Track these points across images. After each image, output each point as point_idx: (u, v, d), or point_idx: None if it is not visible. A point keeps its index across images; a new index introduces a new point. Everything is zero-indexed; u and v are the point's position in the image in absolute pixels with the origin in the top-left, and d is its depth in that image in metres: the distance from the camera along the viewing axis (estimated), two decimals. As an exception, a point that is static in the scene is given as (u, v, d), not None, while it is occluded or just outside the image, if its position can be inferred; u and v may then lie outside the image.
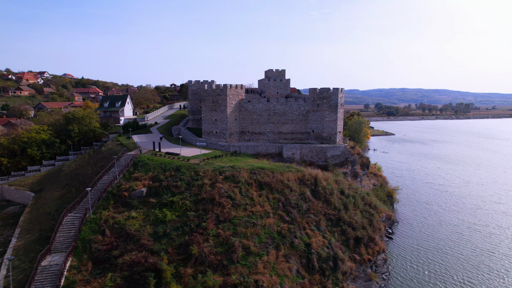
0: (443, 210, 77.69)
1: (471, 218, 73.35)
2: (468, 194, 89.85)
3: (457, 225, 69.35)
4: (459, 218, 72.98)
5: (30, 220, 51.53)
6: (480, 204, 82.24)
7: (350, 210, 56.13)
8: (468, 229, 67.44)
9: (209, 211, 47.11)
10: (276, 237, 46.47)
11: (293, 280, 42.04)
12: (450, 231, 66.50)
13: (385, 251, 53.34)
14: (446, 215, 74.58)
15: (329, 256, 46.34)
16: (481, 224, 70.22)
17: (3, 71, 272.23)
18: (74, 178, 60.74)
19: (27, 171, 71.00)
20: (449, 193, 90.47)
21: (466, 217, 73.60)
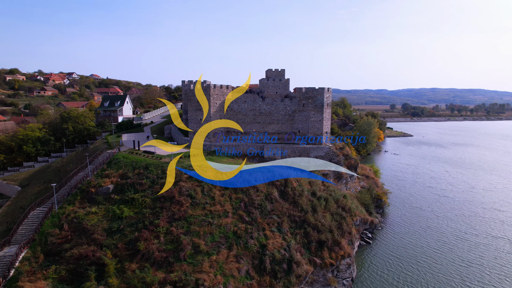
0: (435, 217, 74.12)
1: (463, 225, 69.52)
2: (470, 200, 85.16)
3: (444, 233, 65.94)
4: (449, 226, 69.36)
5: (5, 213, 54.77)
6: (479, 211, 77.74)
7: (318, 212, 55.04)
8: (455, 238, 63.95)
9: (166, 208, 47.93)
10: (231, 237, 46.49)
11: (241, 280, 41.91)
12: (434, 239, 63.35)
13: (351, 256, 51.79)
14: (436, 222, 71.11)
15: (284, 258, 45.72)
16: (471, 232, 66.35)
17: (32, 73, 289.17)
18: (57, 174, 63.70)
19: (22, 166, 75.22)
20: (449, 199, 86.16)
21: (457, 225, 69.84)
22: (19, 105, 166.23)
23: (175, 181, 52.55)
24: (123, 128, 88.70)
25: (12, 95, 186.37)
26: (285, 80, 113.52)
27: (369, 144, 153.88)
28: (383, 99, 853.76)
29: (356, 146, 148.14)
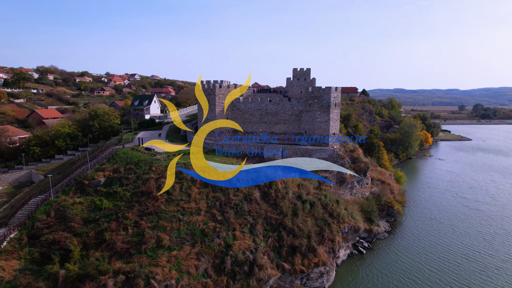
0: (451, 231, 66.24)
1: (480, 245, 60.90)
2: (504, 216, 74.56)
3: (452, 251, 58.48)
4: (463, 243, 61.40)
5: (20, 198, 62.11)
6: (510, 229, 67.88)
7: (299, 216, 53.17)
8: (462, 258, 56.31)
9: (141, 203, 50.34)
10: (198, 235, 47.25)
11: (196, 278, 42.45)
12: (437, 256, 56.53)
13: (327, 264, 49.09)
14: (449, 239, 63.40)
15: (246, 260, 45.16)
16: (486, 253, 58.04)
17: (99, 75, 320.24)
18: (70, 167, 70.41)
19: (54, 159, 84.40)
20: (480, 213, 76.35)
21: (474, 243, 61.64)
22: (79, 104, 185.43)
23: (157, 177, 54.89)
24: (144, 126, 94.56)
25: (76, 95, 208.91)
26: (310, 80, 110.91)
27: (410, 148, 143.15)
28: (453, 100, 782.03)
29: (394, 150, 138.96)
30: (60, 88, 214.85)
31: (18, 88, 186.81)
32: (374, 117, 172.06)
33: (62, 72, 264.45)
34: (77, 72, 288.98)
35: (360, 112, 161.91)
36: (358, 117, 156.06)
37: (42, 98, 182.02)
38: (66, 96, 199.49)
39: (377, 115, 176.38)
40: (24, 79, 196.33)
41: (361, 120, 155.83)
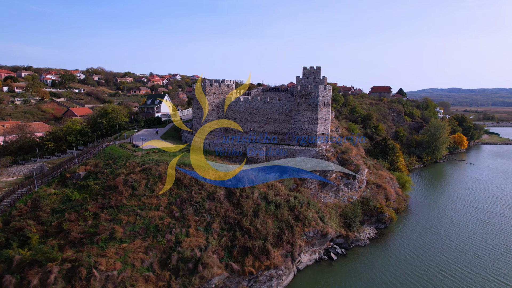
0: (442, 245, 60.37)
1: (466, 261, 54.59)
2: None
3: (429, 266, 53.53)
4: (447, 257, 55.63)
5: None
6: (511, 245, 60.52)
7: (260, 217, 52.29)
8: (436, 273, 51.07)
9: (106, 196, 52.82)
10: (151, 229, 48.55)
11: (140, 271, 43.72)
12: (407, 272, 51.50)
13: (280, 268, 47.71)
14: (434, 252, 57.74)
15: (192, 257, 45.52)
16: (471, 270, 51.93)
17: (143, 74, 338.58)
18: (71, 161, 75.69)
19: (65, 153, 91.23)
20: (486, 225, 68.67)
21: (460, 258, 55.67)
22: (114, 102, 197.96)
23: (127, 172, 57.21)
24: (150, 124, 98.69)
25: (113, 94, 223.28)
26: (320, 78, 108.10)
27: (437, 151, 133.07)
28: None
29: (418, 153, 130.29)
30: (100, 88, 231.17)
31: (63, 88, 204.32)
32: (402, 117, 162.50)
33: (107, 73, 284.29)
34: (121, 73, 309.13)
35: (385, 113, 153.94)
36: (382, 118, 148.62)
37: (82, 97, 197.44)
38: (104, 95, 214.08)
39: (407, 116, 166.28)
40: (68, 80, 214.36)
41: (385, 120, 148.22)
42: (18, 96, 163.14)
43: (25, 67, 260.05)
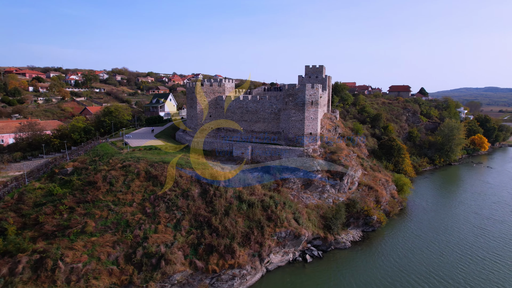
0: (425, 251, 57.66)
1: (443, 270, 51.93)
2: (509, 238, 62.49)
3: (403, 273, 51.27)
4: (424, 265, 52.90)
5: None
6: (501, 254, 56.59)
7: (230, 216, 52.34)
8: (408, 281, 49.11)
9: (85, 191, 54.82)
10: (122, 224, 49.87)
11: (104, 264, 45.03)
12: (376, 280, 50.18)
13: (244, 268, 47.49)
14: (414, 258, 55.49)
15: (157, 253, 46.33)
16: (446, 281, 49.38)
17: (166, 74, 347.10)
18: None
19: (70, 150, 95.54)
20: (481, 231, 64.79)
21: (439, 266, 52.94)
22: (131, 101, 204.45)
23: (108, 169, 59.06)
24: (151, 122, 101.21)
25: (132, 93, 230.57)
26: (322, 77, 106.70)
27: (451, 153, 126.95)
28: None
29: (430, 154, 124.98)
30: (121, 88, 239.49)
31: (86, 88, 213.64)
32: (418, 118, 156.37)
33: (130, 73, 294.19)
34: (143, 73, 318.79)
35: (398, 113, 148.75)
36: (394, 118, 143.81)
37: (101, 97, 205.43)
38: (123, 94, 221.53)
39: (424, 116, 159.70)
40: (90, 80, 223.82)
41: (397, 121, 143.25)
42: (41, 96, 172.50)
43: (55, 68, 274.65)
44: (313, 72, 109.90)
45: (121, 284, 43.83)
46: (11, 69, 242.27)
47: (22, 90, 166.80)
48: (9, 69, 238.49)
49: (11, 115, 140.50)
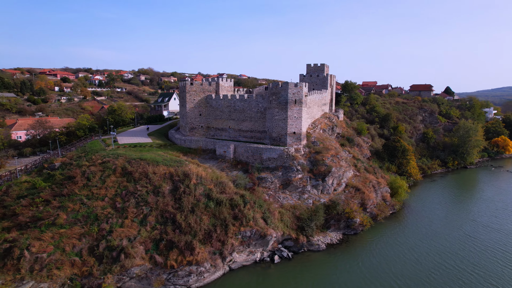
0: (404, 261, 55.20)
1: (423, 284, 49.49)
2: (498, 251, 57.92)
3: (362, 283, 49.40)
4: (391, 274, 50.52)
5: (14, 175, 76.76)
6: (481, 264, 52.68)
7: (196, 213, 52.78)
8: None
9: (63, 185, 57.43)
10: (91, 218, 51.79)
11: (68, 255, 47.04)
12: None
13: (201, 264, 47.68)
14: (382, 268, 53.04)
15: (118, 247, 47.69)
16: None
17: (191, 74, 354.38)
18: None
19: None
20: (474, 242, 60.59)
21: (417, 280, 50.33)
22: (150, 101, 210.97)
23: (89, 164, 61.48)
24: (152, 121, 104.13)
25: (152, 93, 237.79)
26: (324, 76, 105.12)
27: (467, 156, 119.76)
28: None
29: (442, 157, 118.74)
30: (143, 87, 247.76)
31: (109, 87, 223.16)
32: (436, 118, 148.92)
33: (154, 73, 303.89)
34: (168, 73, 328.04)
35: (413, 112, 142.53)
36: (408, 118, 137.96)
37: (122, 96, 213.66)
38: (144, 94, 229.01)
39: (443, 116, 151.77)
40: (113, 80, 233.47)
41: (411, 121, 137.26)
42: (65, 95, 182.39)
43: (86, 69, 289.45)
44: (314, 71, 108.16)
45: (81, 275, 45.62)
46: (45, 70, 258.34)
47: (47, 90, 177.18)
48: (43, 71, 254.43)
49: (34, 113, 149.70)
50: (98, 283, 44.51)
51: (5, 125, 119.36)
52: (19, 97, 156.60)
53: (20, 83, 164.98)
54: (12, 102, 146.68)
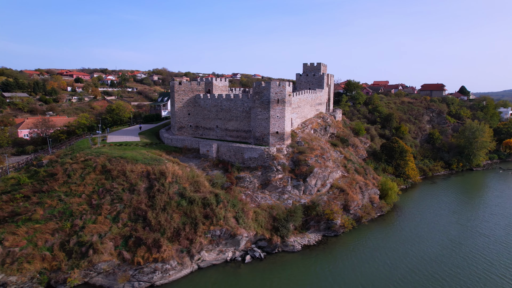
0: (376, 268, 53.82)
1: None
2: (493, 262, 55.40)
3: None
4: (354, 281, 49.52)
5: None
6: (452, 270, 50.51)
7: (167, 211, 53.31)
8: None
9: (44, 182, 59.23)
10: (66, 214, 53.23)
11: (40, 250, 48.55)
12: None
13: (167, 262, 48.07)
14: (349, 272, 51.98)
15: (87, 243, 48.80)
16: None
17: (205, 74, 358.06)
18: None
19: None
20: (458, 248, 58.41)
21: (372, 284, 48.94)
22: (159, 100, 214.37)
23: (72, 162, 63.14)
24: (148, 120, 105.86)
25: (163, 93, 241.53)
26: (319, 75, 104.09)
27: (473, 157, 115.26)
28: None
29: (446, 158, 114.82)
30: (154, 87, 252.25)
31: (121, 87, 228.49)
32: (444, 118, 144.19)
33: (168, 73, 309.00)
34: (181, 73, 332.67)
35: (419, 113, 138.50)
36: (413, 118, 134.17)
37: (132, 96, 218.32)
38: (154, 93, 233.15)
39: (452, 117, 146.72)
40: (125, 80, 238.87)
41: (416, 121, 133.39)
42: (76, 95, 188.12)
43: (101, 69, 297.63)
44: (310, 70, 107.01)
45: (50, 269, 47.01)
46: (63, 71, 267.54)
47: (59, 90, 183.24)
48: (61, 71, 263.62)
49: (45, 112, 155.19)
50: (65, 277, 45.72)
51: (14, 123, 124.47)
52: (31, 97, 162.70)
53: (33, 84, 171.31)
54: (24, 102, 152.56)
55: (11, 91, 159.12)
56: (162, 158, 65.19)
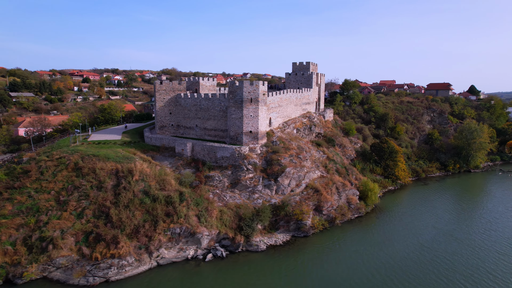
0: (339, 274, 52.94)
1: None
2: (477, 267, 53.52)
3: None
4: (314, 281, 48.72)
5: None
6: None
7: (130, 208, 54.06)
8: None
9: (18, 178, 61.02)
10: (34, 210, 54.71)
11: (3, 244, 50.06)
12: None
13: (124, 258, 48.71)
14: (320, 282, 51.18)
15: (47, 238, 50.02)
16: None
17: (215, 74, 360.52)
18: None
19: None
20: (430, 253, 56.81)
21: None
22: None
23: (47, 159, 64.82)
24: (138, 119, 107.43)
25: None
26: (308, 74, 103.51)
27: (471, 159, 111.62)
28: None
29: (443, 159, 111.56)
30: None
31: (127, 87, 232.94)
32: (446, 118, 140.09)
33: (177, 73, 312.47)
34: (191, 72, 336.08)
35: (418, 112, 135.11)
36: (412, 119, 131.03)
37: (137, 95, 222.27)
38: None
39: (455, 117, 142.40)
40: (131, 80, 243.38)
41: (414, 121, 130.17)
42: (82, 95, 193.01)
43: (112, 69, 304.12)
44: (299, 69, 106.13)
45: (11, 263, 48.36)
46: (74, 71, 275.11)
47: (65, 90, 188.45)
48: (72, 72, 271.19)
49: (49, 111, 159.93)
50: (22, 271, 47.00)
51: (15, 122, 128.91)
52: (37, 97, 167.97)
53: (40, 83, 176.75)
54: (29, 101, 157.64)
55: (18, 91, 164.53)
56: (134, 156, 66.07)
